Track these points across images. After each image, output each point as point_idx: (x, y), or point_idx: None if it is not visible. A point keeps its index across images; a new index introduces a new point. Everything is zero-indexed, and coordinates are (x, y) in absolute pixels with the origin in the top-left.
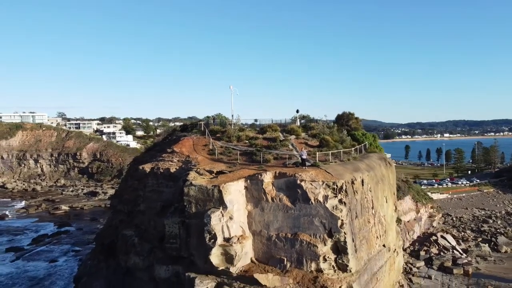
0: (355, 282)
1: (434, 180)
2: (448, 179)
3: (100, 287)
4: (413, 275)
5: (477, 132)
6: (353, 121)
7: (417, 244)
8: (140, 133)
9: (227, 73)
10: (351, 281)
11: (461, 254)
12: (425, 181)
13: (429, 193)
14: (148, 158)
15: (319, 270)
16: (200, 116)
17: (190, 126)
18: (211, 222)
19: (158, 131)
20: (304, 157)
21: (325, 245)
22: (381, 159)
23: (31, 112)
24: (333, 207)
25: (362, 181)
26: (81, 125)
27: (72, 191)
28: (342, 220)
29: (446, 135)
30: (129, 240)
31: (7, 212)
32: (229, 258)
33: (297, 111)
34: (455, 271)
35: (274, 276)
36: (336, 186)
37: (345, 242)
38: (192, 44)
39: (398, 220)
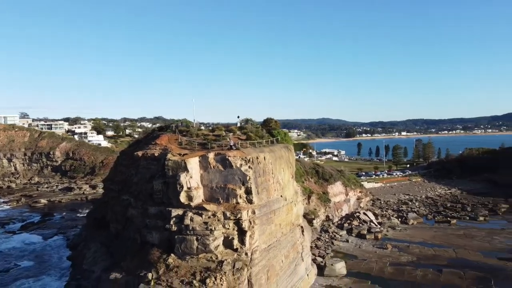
0: (257, 209)
1: (373, 172)
2: (386, 171)
3: (96, 247)
4: (335, 240)
5: (433, 130)
6: (272, 123)
7: (344, 219)
8: (110, 133)
9: (187, 74)
10: (254, 208)
11: (376, 226)
12: (363, 173)
13: (365, 183)
14: (136, 149)
15: (237, 203)
16: (166, 116)
17: (165, 127)
18: (180, 179)
19: (128, 131)
20: (231, 144)
21: (240, 189)
22: (284, 147)
23: None
24: (245, 170)
25: (264, 157)
26: (53, 125)
27: (47, 187)
28: (249, 176)
29: (404, 133)
30: (127, 201)
31: None
32: (190, 198)
33: (238, 117)
34: (367, 236)
35: (214, 205)
36: (247, 159)
37: (250, 188)
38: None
39: (328, 200)
